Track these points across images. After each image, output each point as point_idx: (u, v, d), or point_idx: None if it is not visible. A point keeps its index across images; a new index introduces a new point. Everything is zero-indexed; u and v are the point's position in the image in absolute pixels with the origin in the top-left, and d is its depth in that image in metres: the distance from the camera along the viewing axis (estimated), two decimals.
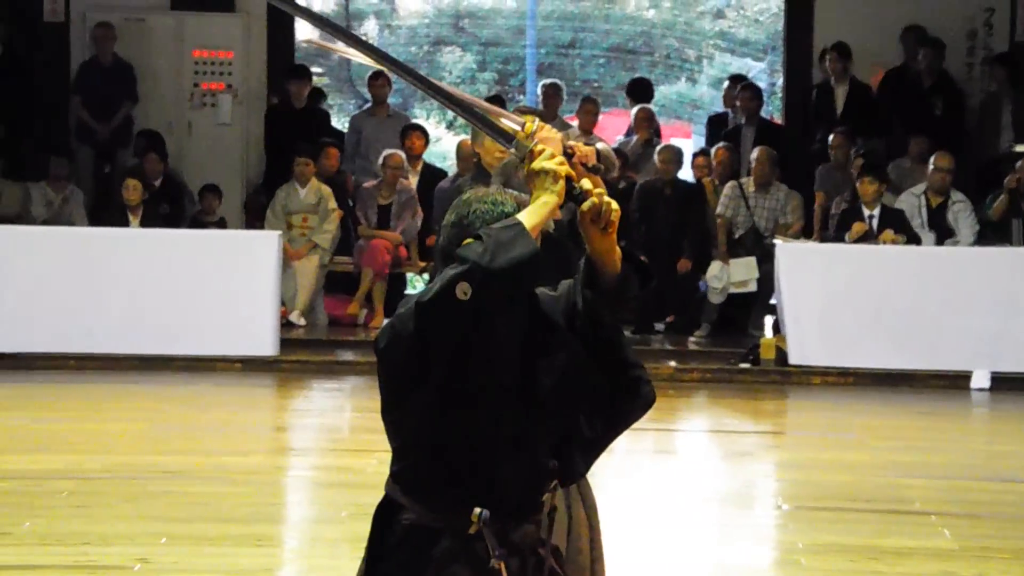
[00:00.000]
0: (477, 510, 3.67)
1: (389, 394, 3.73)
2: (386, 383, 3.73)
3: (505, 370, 3.72)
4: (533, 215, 3.64)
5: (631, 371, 3.85)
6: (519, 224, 3.59)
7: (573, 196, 3.68)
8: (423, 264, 14.83)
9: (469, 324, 3.55)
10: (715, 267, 14.32)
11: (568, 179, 3.69)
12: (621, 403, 3.85)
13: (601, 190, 3.66)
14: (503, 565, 3.70)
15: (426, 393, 3.64)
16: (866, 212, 13.66)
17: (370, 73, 16.98)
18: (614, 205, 3.68)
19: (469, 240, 3.67)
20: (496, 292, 3.54)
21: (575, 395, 3.78)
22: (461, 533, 3.69)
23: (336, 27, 4.10)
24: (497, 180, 7.73)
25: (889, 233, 13.50)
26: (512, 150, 3.80)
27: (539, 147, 3.72)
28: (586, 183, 3.69)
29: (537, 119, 3.94)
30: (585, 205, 3.66)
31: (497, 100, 16.76)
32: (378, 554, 3.78)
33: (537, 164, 3.70)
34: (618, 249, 3.76)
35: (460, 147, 15.12)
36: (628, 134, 16.06)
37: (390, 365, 3.69)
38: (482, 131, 4.02)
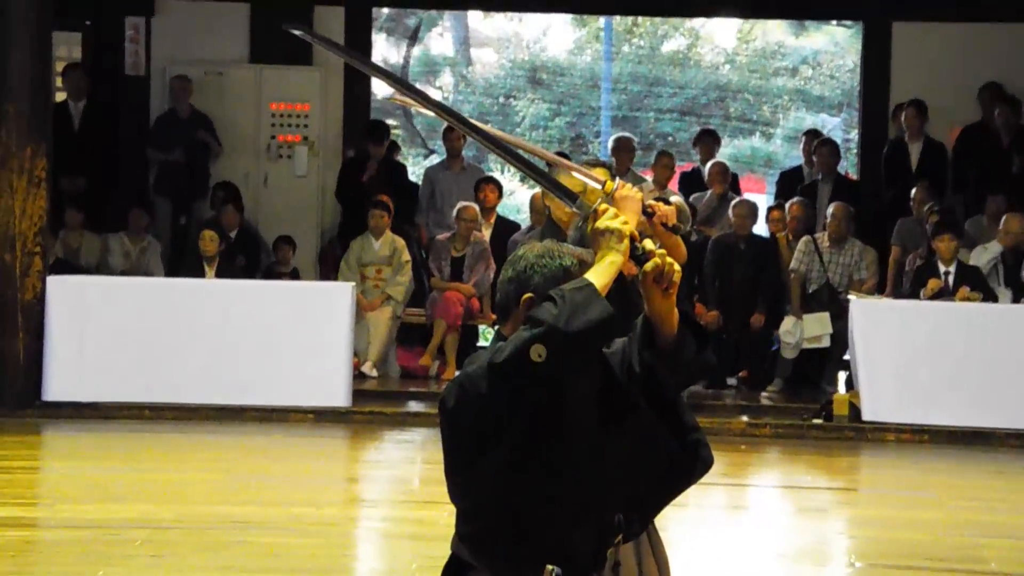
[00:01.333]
0: (550, 568, 3.68)
1: (456, 455, 3.73)
2: (454, 444, 3.73)
3: (580, 434, 3.72)
4: (602, 275, 3.65)
5: (690, 435, 3.86)
6: (591, 285, 3.60)
7: (636, 256, 3.69)
8: (496, 317, 14.86)
9: (544, 387, 3.55)
10: (788, 322, 14.28)
11: (632, 239, 3.70)
12: (680, 466, 3.85)
13: (663, 251, 3.66)
14: None
15: (498, 456, 3.65)
16: (942, 269, 13.59)
17: (445, 126, 17.08)
18: (676, 267, 3.68)
19: (529, 294, 3.68)
20: (572, 355, 3.54)
21: (644, 458, 3.78)
22: None
23: (407, 84, 4.14)
24: (573, 235, 7.77)
25: (965, 290, 13.42)
26: (575, 209, 3.82)
27: (603, 206, 3.73)
28: (648, 243, 3.69)
29: (619, 179, 3.94)
30: (648, 266, 3.67)
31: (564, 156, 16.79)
32: None
33: (601, 223, 3.72)
34: (676, 311, 3.76)
35: (533, 200, 15.17)
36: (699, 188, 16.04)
37: (459, 426, 3.69)
38: (546, 189, 4.04)
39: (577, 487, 3.72)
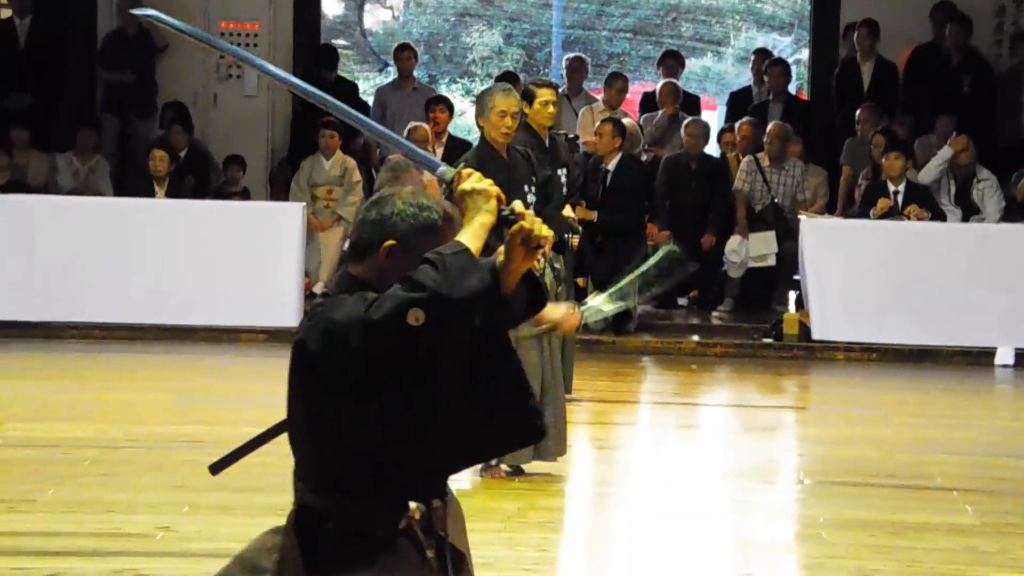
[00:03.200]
0: (414, 505, 3.71)
1: (317, 400, 3.69)
2: (315, 389, 3.67)
3: (451, 386, 3.71)
4: (475, 238, 3.62)
5: (531, 399, 3.87)
6: (467, 250, 3.57)
7: (503, 217, 3.67)
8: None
9: (419, 350, 3.54)
10: (734, 241, 14.31)
11: (498, 199, 3.68)
12: (519, 427, 3.88)
13: (530, 213, 3.64)
14: (433, 553, 3.73)
15: (373, 406, 3.62)
16: (891, 188, 13.64)
17: (396, 45, 17.00)
18: (545, 231, 3.65)
19: (392, 241, 3.66)
20: (452, 323, 3.52)
21: (493, 412, 3.80)
22: (392, 529, 3.71)
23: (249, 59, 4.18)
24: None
25: (915, 208, 13.46)
26: (436, 176, 3.81)
27: (466, 169, 3.70)
28: (518, 204, 3.68)
29: (464, 167, 3.93)
30: (515, 228, 3.65)
31: (511, 77, 16.75)
32: (312, 567, 3.75)
33: (467, 185, 3.68)
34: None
35: None
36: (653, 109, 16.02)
37: (324, 374, 3.63)
38: (408, 156, 4.05)
39: (443, 434, 3.73)
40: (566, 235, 8.61)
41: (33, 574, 4.28)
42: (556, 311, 5.67)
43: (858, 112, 14.98)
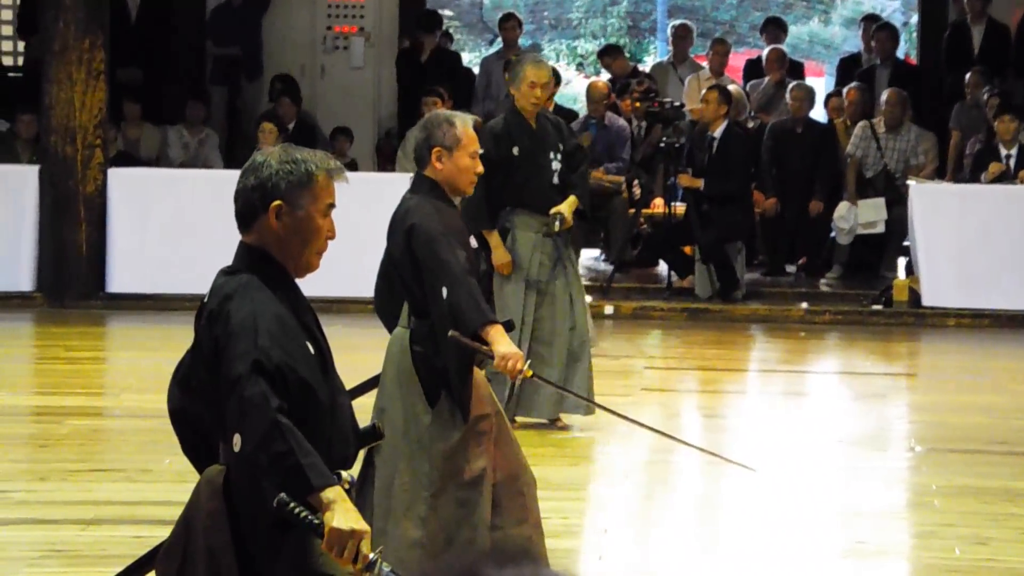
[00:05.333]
0: (345, 474, 3.95)
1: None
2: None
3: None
4: (339, 516, 3.80)
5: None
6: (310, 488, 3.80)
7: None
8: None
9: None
10: (842, 208, 14.19)
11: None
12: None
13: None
14: None
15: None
16: (1003, 152, 13.47)
17: (501, 15, 17.01)
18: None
19: (279, 201, 3.96)
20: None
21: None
22: None
23: None
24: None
25: None
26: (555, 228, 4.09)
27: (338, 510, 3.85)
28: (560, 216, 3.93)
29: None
30: (325, 542, 3.83)
31: (614, 48, 16.67)
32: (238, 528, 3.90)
33: (341, 524, 3.82)
34: None
35: (590, 89, 15.10)
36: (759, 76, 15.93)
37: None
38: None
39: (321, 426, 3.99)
40: (555, 224, 8.72)
41: (151, 542, 4.35)
42: (506, 347, 5.69)
43: (968, 75, 14.80)
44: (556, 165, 8.85)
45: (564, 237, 8.89)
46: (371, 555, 3.80)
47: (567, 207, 8.78)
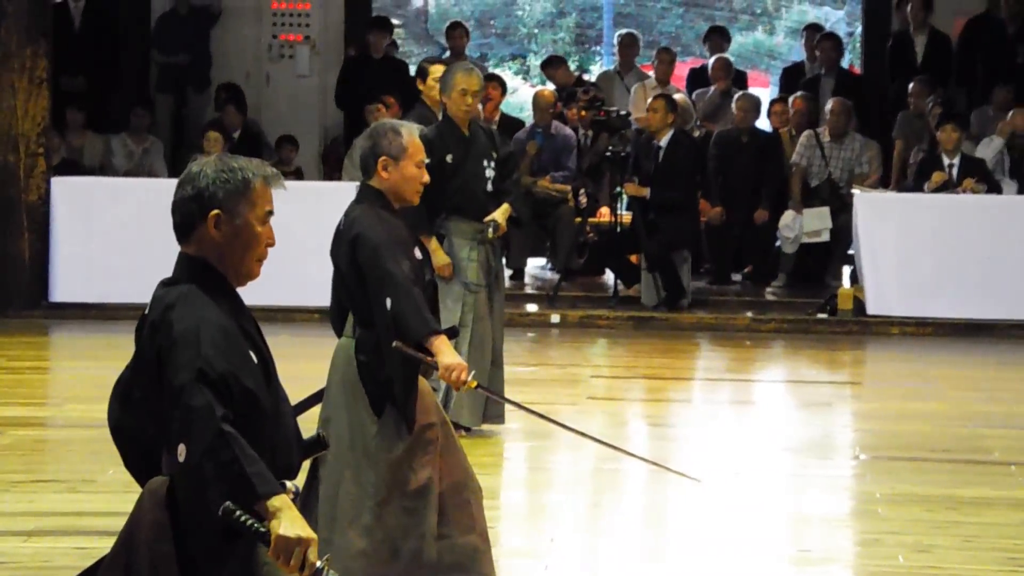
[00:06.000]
0: (290, 484, 3.97)
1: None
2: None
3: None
4: (285, 524, 3.78)
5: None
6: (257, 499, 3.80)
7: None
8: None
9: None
10: (788, 216, 14.25)
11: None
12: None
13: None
14: None
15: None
16: (946, 161, 13.55)
17: (448, 24, 17.02)
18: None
19: (217, 211, 3.93)
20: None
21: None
22: None
23: None
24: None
25: (970, 181, 13.37)
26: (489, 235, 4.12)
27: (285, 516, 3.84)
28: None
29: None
30: (271, 552, 3.82)
31: (557, 59, 16.72)
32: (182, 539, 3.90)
33: (287, 531, 3.81)
34: None
35: (537, 97, 15.11)
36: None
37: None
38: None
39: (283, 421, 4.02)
40: (489, 231, 8.81)
41: (95, 554, 4.33)
42: (451, 357, 5.70)
43: (911, 85, 14.90)
44: (490, 173, 8.92)
45: (496, 245, 8.97)
46: (318, 563, 3.80)
47: (500, 215, 8.85)
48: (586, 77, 17.14)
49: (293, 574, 3.81)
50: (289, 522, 3.77)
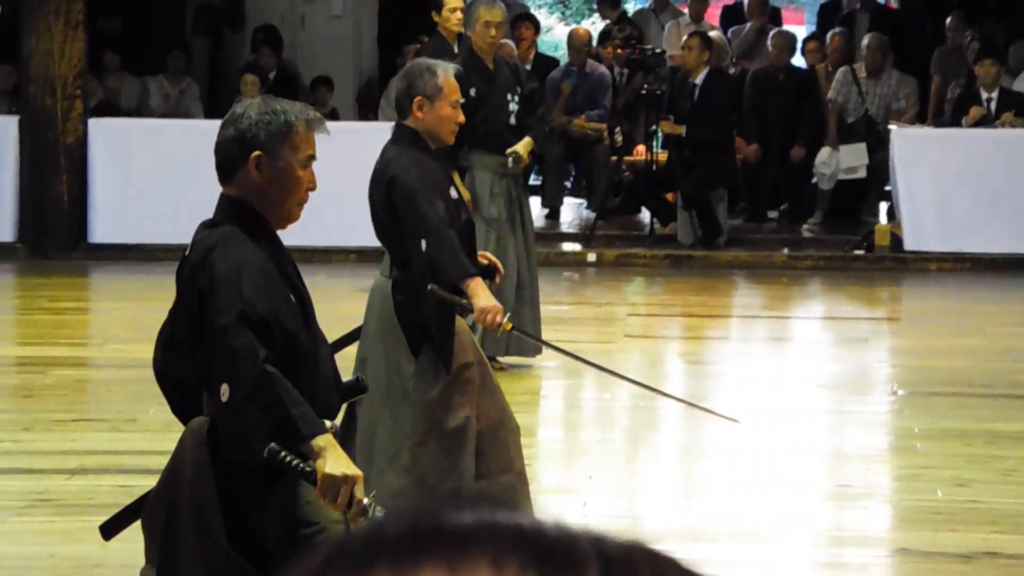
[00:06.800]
0: (328, 423, 4.01)
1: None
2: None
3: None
4: (331, 463, 3.84)
5: None
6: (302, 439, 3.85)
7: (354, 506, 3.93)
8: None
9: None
10: (824, 153, 14.19)
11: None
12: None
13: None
14: None
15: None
16: (984, 95, 13.47)
17: None
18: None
19: (258, 152, 3.85)
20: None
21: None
22: None
23: None
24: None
25: (1008, 115, 13.30)
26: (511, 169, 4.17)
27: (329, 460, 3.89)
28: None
29: None
30: (319, 488, 3.90)
31: None
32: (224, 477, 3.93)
33: (334, 469, 3.87)
34: None
35: (571, 36, 15.07)
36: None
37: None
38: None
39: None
40: (510, 163, 8.84)
41: (137, 491, 4.38)
42: (486, 300, 5.70)
43: (948, 20, 14.80)
44: (513, 107, 8.98)
45: (519, 178, 9.02)
46: (364, 500, 3.83)
47: (523, 147, 8.90)
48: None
49: (340, 511, 3.85)
50: (335, 460, 3.81)
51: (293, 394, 3.81)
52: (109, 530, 4.24)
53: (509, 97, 8.97)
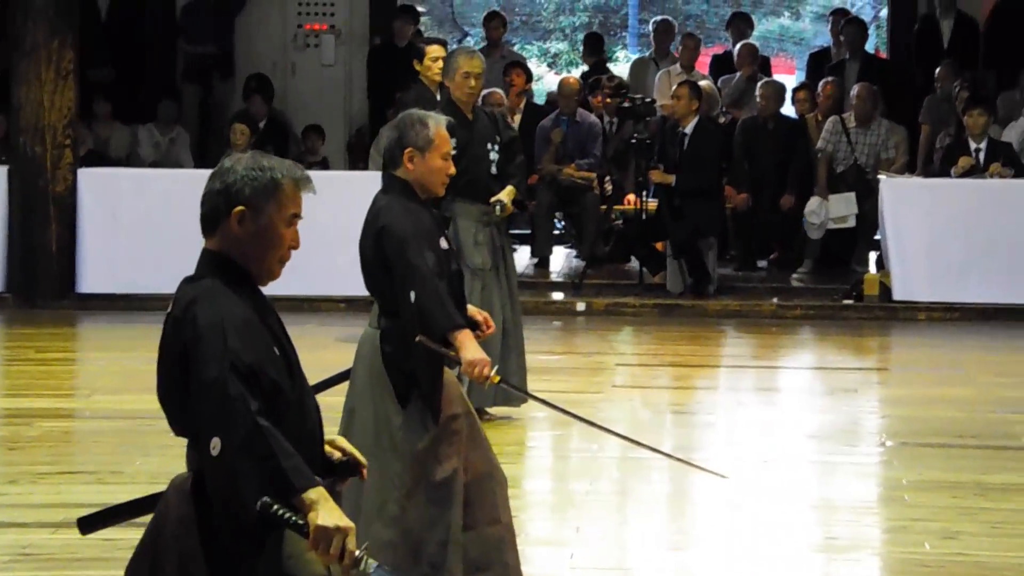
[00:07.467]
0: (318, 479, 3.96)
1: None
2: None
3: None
4: (323, 515, 3.81)
5: None
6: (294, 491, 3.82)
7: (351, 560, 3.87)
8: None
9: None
10: (814, 202, 14.21)
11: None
12: None
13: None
14: None
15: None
16: (972, 145, 13.51)
17: (486, 14, 17.05)
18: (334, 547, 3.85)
19: (241, 207, 3.93)
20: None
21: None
22: None
23: None
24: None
25: (996, 166, 13.33)
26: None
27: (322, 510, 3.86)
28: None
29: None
30: (310, 543, 3.84)
31: (596, 38, 16.80)
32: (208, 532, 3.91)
33: (325, 521, 3.83)
34: None
35: (562, 85, 15.10)
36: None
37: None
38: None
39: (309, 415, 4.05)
40: (496, 210, 8.91)
41: (122, 545, 4.36)
42: (474, 353, 5.70)
43: (938, 69, 14.85)
44: (494, 156, 9.09)
45: (503, 227, 9.07)
46: (357, 552, 3.82)
47: (506, 195, 8.99)
48: (616, 64, 17.16)
49: (333, 564, 3.83)
50: (327, 512, 3.79)
51: (285, 447, 3.79)
52: (89, 525, 4.21)
53: (489, 146, 9.09)
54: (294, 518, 3.78)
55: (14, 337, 12.19)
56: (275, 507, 3.76)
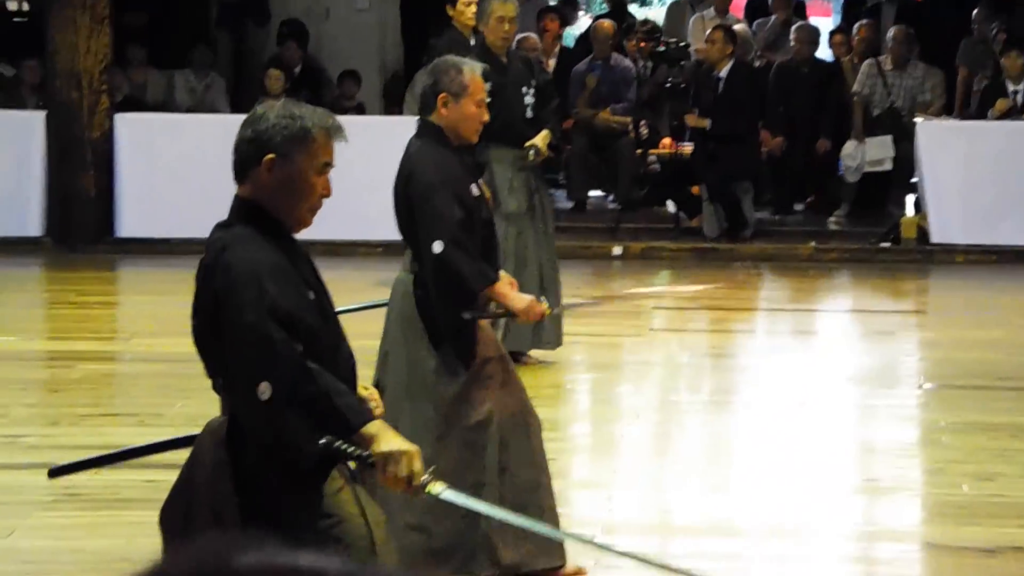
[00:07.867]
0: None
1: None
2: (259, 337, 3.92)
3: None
4: (385, 443, 3.84)
5: None
6: (344, 418, 3.85)
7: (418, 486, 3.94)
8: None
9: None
10: (850, 146, 14.15)
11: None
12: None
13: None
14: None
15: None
16: (1010, 87, 13.42)
17: None
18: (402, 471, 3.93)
19: (272, 155, 3.91)
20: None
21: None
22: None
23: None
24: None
25: None
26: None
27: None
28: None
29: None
30: (385, 477, 3.92)
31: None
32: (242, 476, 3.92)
33: (388, 447, 3.88)
34: None
35: (595, 29, 15.05)
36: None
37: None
38: None
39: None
40: (531, 155, 8.90)
41: (163, 486, 4.39)
42: (521, 300, 5.70)
43: (975, 11, 14.74)
44: (529, 100, 9.08)
45: (538, 171, 9.06)
46: (424, 476, 3.86)
47: (541, 139, 8.96)
48: (652, 8, 17.07)
49: (401, 489, 3.86)
50: (389, 441, 3.83)
51: (338, 386, 3.80)
52: (59, 472, 4.28)
53: (524, 90, 9.07)
54: (358, 451, 3.82)
55: (54, 281, 12.27)
56: (338, 443, 3.80)
